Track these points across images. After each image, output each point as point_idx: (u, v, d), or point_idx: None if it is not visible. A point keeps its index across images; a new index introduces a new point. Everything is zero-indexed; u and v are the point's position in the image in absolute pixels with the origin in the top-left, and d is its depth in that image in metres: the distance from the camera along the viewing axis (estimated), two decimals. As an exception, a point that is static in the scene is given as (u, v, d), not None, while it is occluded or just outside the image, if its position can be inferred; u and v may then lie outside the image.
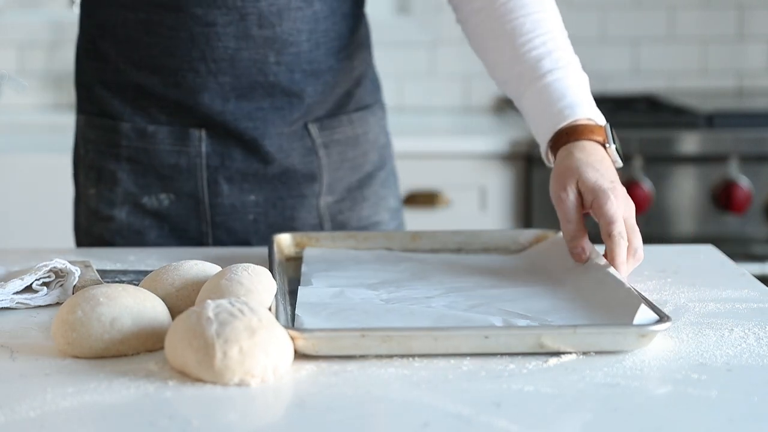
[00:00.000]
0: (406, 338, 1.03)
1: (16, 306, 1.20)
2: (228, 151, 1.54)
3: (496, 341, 1.03)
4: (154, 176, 1.55)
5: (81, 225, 1.62)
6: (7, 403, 0.92)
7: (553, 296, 1.21)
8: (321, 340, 1.02)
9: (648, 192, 2.58)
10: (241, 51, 1.49)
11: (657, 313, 1.07)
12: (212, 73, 1.50)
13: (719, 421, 0.90)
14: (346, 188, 1.60)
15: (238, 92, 1.51)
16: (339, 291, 1.22)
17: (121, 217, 1.56)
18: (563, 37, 1.42)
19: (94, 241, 1.58)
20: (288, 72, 1.51)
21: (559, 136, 1.35)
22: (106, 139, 1.56)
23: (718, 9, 3.17)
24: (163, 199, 1.55)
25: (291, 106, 1.53)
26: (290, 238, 1.42)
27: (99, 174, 1.57)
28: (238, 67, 1.50)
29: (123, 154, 1.55)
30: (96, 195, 1.58)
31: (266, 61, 1.50)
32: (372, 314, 1.13)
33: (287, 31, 1.50)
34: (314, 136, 1.56)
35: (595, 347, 1.04)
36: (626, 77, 3.19)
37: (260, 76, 1.51)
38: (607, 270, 1.22)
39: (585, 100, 1.37)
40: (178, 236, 1.56)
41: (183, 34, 1.49)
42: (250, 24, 1.48)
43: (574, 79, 1.38)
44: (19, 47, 3.13)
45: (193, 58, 1.49)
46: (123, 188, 1.56)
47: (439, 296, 1.21)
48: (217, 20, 1.48)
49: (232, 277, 1.10)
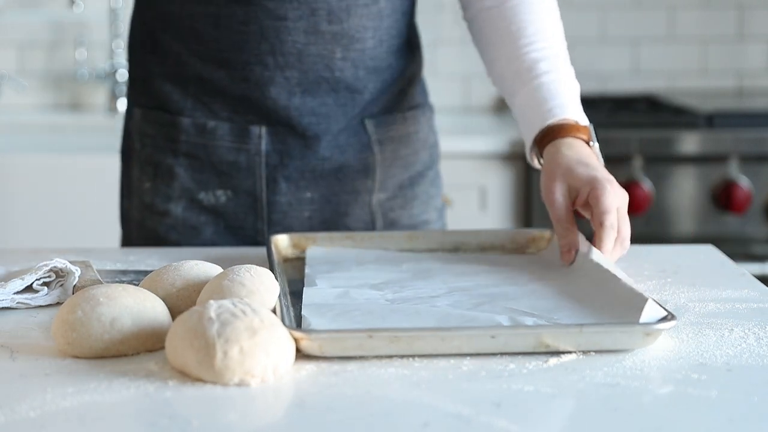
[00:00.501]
0: (412, 339, 1.03)
1: (17, 306, 1.20)
2: (287, 149, 1.55)
3: (502, 341, 1.04)
4: (212, 172, 1.56)
5: (133, 218, 1.62)
6: (7, 403, 0.92)
7: (558, 294, 1.21)
8: (327, 341, 1.02)
9: (648, 192, 2.58)
10: (310, 46, 1.51)
11: (663, 311, 1.07)
12: (280, 67, 1.51)
13: (719, 421, 0.90)
14: (397, 186, 1.62)
15: (304, 87, 1.52)
16: (344, 291, 1.22)
17: (177, 212, 1.57)
18: (562, 46, 1.48)
19: (147, 234, 1.59)
20: (353, 68, 1.53)
21: (546, 133, 1.39)
22: (164, 134, 1.57)
23: (718, 9, 3.17)
24: (220, 195, 1.56)
25: (353, 102, 1.55)
26: (288, 239, 1.42)
27: (156, 168, 1.58)
28: (306, 62, 1.51)
29: (181, 150, 1.56)
30: (151, 189, 1.58)
31: (333, 56, 1.52)
32: (377, 314, 1.13)
33: (354, 27, 1.51)
34: (370, 132, 1.58)
35: (601, 346, 1.04)
36: (626, 77, 3.19)
37: (326, 72, 1.52)
38: (610, 268, 1.22)
39: (574, 103, 1.42)
40: (233, 233, 1.57)
41: (253, 27, 1.50)
42: (320, 19, 1.50)
43: (567, 85, 1.44)
44: (19, 47, 3.13)
45: (261, 51, 1.50)
46: (180, 183, 1.56)
47: (444, 295, 1.21)
48: (288, 14, 1.49)
49: (234, 278, 1.10)
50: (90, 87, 3.13)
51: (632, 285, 1.16)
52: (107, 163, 2.64)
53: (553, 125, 1.39)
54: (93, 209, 2.61)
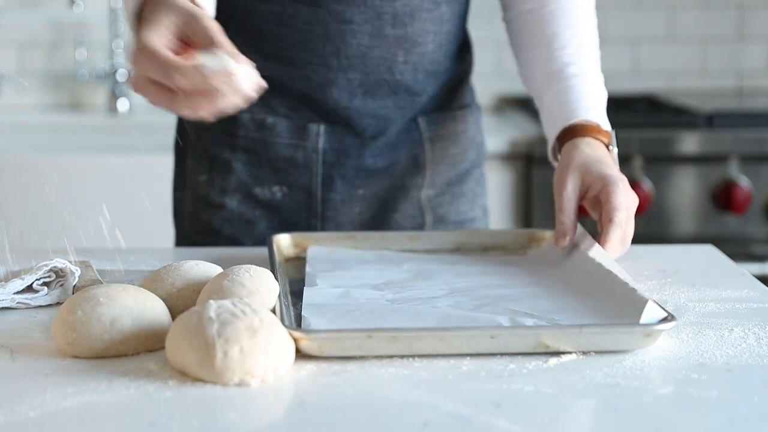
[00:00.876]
0: (412, 339, 1.03)
1: (17, 306, 1.20)
2: (344, 147, 1.56)
3: (502, 341, 1.04)
4: (268, 168, 1.57)
5: (186, 211, 1.64)
6: (7, 403, 0.92)
7: (558, 295, 1.21)
8: (326, 341, 1.02)
9: (648, 192, 2.58)
10: (373, 49, 1.52)
11: (663, 311, 1.07)
12: (343, 68, 1.52)
13: (719, 421, 0.90)
14: (445, 183, 1.63)
15: (365, 89, 1.54)
16: (344, 291, 1.22)
17: (232, 205, 1.58)
18: (594, 53, 1.54)
19: (201, 227, 1.61)
20: (413, 71, 1.55)
21: (567, 131, 1.43)
22: (222, 128, 1.58)
23: (718, 9, 3.17)
24: (275, 191, 1.57)
25: (412, 105, 1.57)
26: (289, 239, 1.42)
27: (212, 162, 1.59)
28: (368, 65, 1.52)
29: (239, 144, 1.57)
30: (207, 182, 1.60)
31: (395, 59, 1.53)
32: (377, 314, 1.13)
33: (417, 31, 1.53)
34: (422, 130, 1.60)
35: (601, 346, 1.04)
36: (626, 77, 3.19)
37: (388, 74, 1.53)
38: (612, 269, 1.22)
39: (599, 107, 1.46)
40: (286, 228, 1.57)
41: (318, 29, 1.51)
42: (385, 23, 1.51)
43: (594, 89, 1.48)
44: (19, 47, 3.13)
45: (326, 53, 1.51)
46: (237, 178, 1.58)
47: (444, 296, 1.21)
48: (355, 18, 1.50)
49: (234, 279, 1.10)
50: (90, 87, 3.13)
51: (634, 285, 1.16)
52: (107, 163, 2.64)
53: (575, 124, 1.43)
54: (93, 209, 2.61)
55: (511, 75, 3.31)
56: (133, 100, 3.11)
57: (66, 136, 2.93)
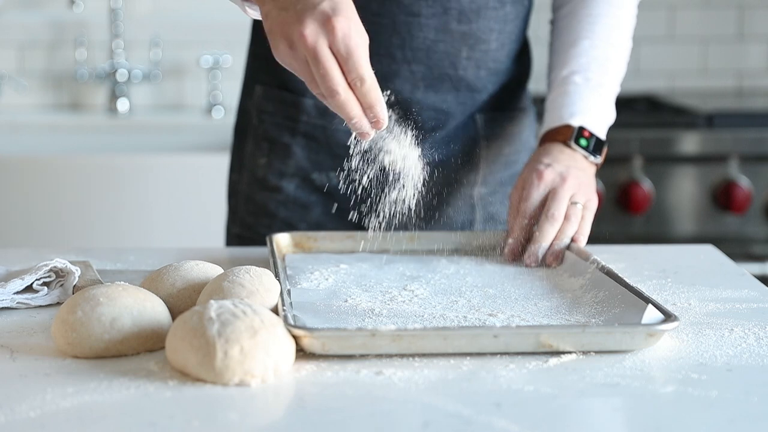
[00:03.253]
0: (415, 338, 1.03)
1: (17, 306, 1.20)
2: None
3: (505, 341, 1.04)
4: (327, 154, 1.58)
5: (241, 191, 1.65)
6: (7, 403, 0.92)
7: (559, 297, 1.22)
8: (330, 339, 1.02)
9: (648, 192, 2.58)
10: (438, 43, 1.53)
11: (664, 312, 1.08)
12: (407, 61, 1.53)
13: (719, 421, 0.91)
14: (498, 182, 1.65)
15: (428, 82, 1.55)
16: (331, 291, 1.23)
17: (289, 189, 1.60)
18: (612, 64, 1.56)
19: (255, 208, 1.62)
20: (475, 68, 1.56)
21: (544, 137, 1.51)
22: (284, 112, 1.60)
23: (718, 9, 3.17)
24: (332, 177, 1.58)
25: (472, 101, 1.58)
26: (289, 238, 1.42)
27: (272, 145, 1.60)
28: (433, 58, 1.53)
29: (300, 129, 1.59)
30: (266, 165, 1.61)
31: (459, 55, 1.54)
32: (370, 314, 1.14)
33: (481, 28, 1.54)
34: (479, 127, 1.61)
35: (603, 346, 1.04)
36: (626, 77, 3.17)
37: (451, 69, 1.54)
38: (602, 270, 1.23)
39: (582, 112, 1.49)
40: (340, 215, 1.58)
41: (386, 20, 1.52)
42: (451, 18, 1.52)
43: (588, 98, 1.51)
44: (19, 47, 3.13)
45: (392, 44, 1.52)
46: (295, 162, 1.59)
47: (432, 296, 1.22)
48: (422, 11, 1.51)
49: (234, 279, 1.10)
50: (90, 87, 3.13)
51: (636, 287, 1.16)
52: (107, 163, 2.64)
53: (545, 132, 1.50)
54: (93, 209, 2.61)
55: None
56: (133, 100, 3.11)
57: (66, 136, 2.93)
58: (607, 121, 1.53)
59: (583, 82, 1.52)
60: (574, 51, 1.55)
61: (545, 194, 1.40)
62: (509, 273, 1.32)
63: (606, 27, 1.56)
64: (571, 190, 1.39)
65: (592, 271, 1.25)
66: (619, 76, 1.57)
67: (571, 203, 1.38)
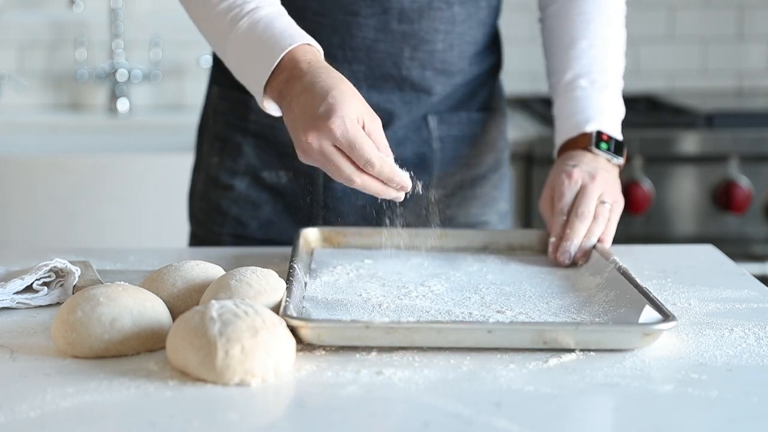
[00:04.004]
0: (410, 331, 1.04)
1: (17, 306, 1.20)
2: None
3: (500, 336, 1.04)
4: (276, 153, 1.59)
5: (197, 190, 1.67)
6: (7, 403, 0.92)
7: (573, 295, 1.22)
8: (326, 330, 1.04)
9: (648, 192, 2.58)
10: (379, 43, 1.53)
11: (662, 312, 1.08)
12: (348, 60, 1.53)
13: (719, 421, 0.91)
14: (457, 185, 1.63)
15: (370, 82, 1.55)
16: (349, 285, 1.24)
17: (240, 187, 1.61)
18: (612, 61, 1.57)
19: (209, 207, 1.64)
20: (420, 68, 1.55)
21: (562, 147, 1.51)
22: (235, 112, 1.61)
23: (718, 9, 3.17)
24: (281, 175, 1.60)
25: (419, 101, 1.57)
26: (318, 233, 1.44)
27: (224, 144, 1.62)
28: (374, 58, 1.53)
29: (250, 129, 1.60)
30: (218, 164, 1.63)
31: (401, 55, 1.54)
32: (378, 307, 1.15)
33: (425, 29, 1.53)
34: (431, 129, 1.60)
35: (600, 345, 1.05)
36: (626, 77, 3.17)
37: (393, 69, 1.54)
38: (622, 272, 1.23)
39: (598, 116, 1.51)
40: (290, 213, 1.60)
41: (326, 20, 1.52)
42: (391, 18, 1.52)
43: (599, 100, 1.52)
44: (19, 47, 3.13)
45: (332, 44, 1.52)
46: (245, 160, 1.61)
47: (448, 292, 1.23)
48: (361, 11, 1.51)
49: (241, 279, 1.10)
50: (90, 87, 3.14)
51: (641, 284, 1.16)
52: (107, 163, 2.64)
53: (567, 140, 1.50)
54: (93, 209, 2.61)
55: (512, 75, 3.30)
56: (133, 100, 3.11)
57: (66, 136, 2.93)
58: (619, 118, 1.54)
59: (589, 85, 1.52)
60: (573, 53, 1.54)
61: (577, 192, 1.40)
62: (532, 272, 1.33)
63: (601, 24, 1.56)
64: (599, 189, 1.40)
65: (609, 270, 1.26)
66: (620, 71, 1.58)
67: (599, 202, 1.39)
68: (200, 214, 1.66)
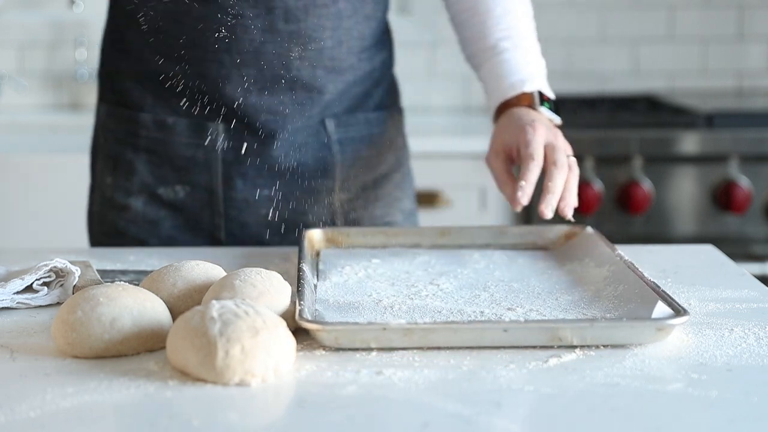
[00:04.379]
0: (426, 332, 1.04)
1: (17, 306, 1.20)
2: (243, 146, 1.55)
3: (515, 335, 1.04)
4: (170, 168, 1.57)
5: (95, 212, 1.64)
6: (7, 403, 0.92)
7: (581, 290, 1.22)
8: (343, 333, 1.04)
9: (648, 192, 2.58)
10: (266, 44, 1.51)
11: (674, 307, 1.08)
12: (236, 65, 1.51)
13: (719, 421, 0.91)
14: (360, 187, 1.62)
15: (261, 85, 1.52)
16: (358, 286, 1.24)
17: (136, 206, 1.58)
18: (526, 25, 1.56)
19: (107, 229, 1.61)
20: (310, 68, 1.53)
21: (501, 106, 1.51)
22: (125, 129, 1.59)
23: (718, 9, 3.17)
24: (178, 190, 1.57)
25: (311, 101, 1.55)
26: (321, 233, 1.43)
27: (116, 163, 1.60)
28: (262, 60, 1.51)
29: (141, 145, 1.58)
30: (112, 184, 1.60)
31: (289, 55, 1.52)
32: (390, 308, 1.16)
33: (311, 27, 1.52)
34: (330, 132, 1.58)
35: (613, 341, 1.05)
36: (626, 77, 3.19)
37: (283, 70, 1.52)
38: (628, 266, 1.23)
39: (530, 75, 1.51)
40: (191, 228, 1.58)
41: (210, 24, 1.50)
42: (277, 18, 1.50)
43: (526, 60, 1.53)
44: (19, 47, 3.13)
45: (218, 49, 1.50)
46: (139, 178, 1.58)
47: (457, 290, 1.23)
48: (245, 12, 1.49)
49: (245, 279, 1.10)
50: (90, 87, 3.13)
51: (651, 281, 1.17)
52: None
53: (507, 100, 1.49)
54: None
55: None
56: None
57: (66, 136, 2.93)
58: (545, 72, 1.54)
59: (513, 48, 1.52)
60: (490, 22, 1.54)
61: (544, 142, 1.38)
62: (538, 268, 1.33)
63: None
64: (563, 143, 1.40)
65: (616, 263, 1.26)
66: (534, 33, 1.57)
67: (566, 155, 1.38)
68: (99, 237, 1.62)
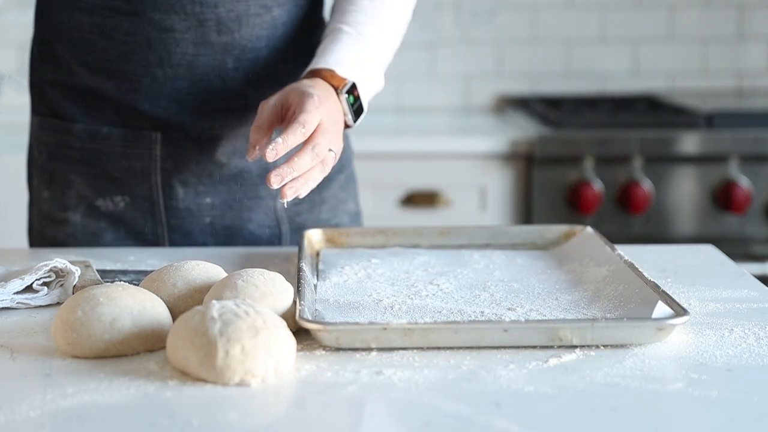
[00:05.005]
0: (426, 332, 1.04)
1: (17, 306, 1.20)
2: (182, 154, 1.52)
3: (515, 335, 1.05)
4: (107, 179, 1.53)
5: (34, 228, 1.60)
6: (7, 403, 0.92)
7: (581, 290, 1.23)
8: (344, 333, 1.04)
9: (648, 192, 2.58)
10: (200, 57, 1.48)
11: (674, 307, 1.08)
12: (170, 78, 1.48)
13: (719, 421, 0.91)
14: None
15: (195, 96, 1.50)
16: (358, 286, 1.24)
17: (75, 219, 1.55)
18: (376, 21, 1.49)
19: (48, 244, 1.57)
20: (246, 78, 1.50)
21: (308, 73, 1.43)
22: (58, 141, 1.55)
23: (718, 9, 3.17)
24: (118, 201, 1.54)
25: (248, 110, 1.51)
26: (321, 234, 1.43)
27: (51, 176, 1.56)
28: (196, 73, 1.49)
29: (76, 156, 1.54)
30: (49, 198, 1.56)
31: (224, 66, 1.49)
32: (390, 308, 1.16)
33: (246, 37, 1.49)
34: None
35: (613, 341, 1.05)
36: (626, 77, 3.19)
37: (218, 82, 1.49)
38: (628, 266, 1.23)
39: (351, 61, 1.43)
40: (134, 238, 1.55)
41: (140, 39, 1.47)
42: (209, 30, 1.47)
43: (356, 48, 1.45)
44: (19, 47, 3.13)
45: (150, 63, 1.48)
46: (76, 191, 1.54)
47: (457, 290, 1.23)
48: (175, 26, 1.46)
49: (248, 279, 1.10)
50: (90, 87, 3.13)
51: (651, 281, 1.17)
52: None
53: (316, 69, 1.42)
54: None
55: (511, 75, 3.31)
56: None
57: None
58: (375, 90, 1.48)
59: (353, 32, 1.46)
60: (351, 8, 1.49)
61: (321, 121, 1.32)
62: (538, 267, 1.33)
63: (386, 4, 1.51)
64: (337, 136, 1.35)
65: (615, 262, 1.26)
66: (392, 44, 1.52)
67: (328, 150, 1.33)
68: None
